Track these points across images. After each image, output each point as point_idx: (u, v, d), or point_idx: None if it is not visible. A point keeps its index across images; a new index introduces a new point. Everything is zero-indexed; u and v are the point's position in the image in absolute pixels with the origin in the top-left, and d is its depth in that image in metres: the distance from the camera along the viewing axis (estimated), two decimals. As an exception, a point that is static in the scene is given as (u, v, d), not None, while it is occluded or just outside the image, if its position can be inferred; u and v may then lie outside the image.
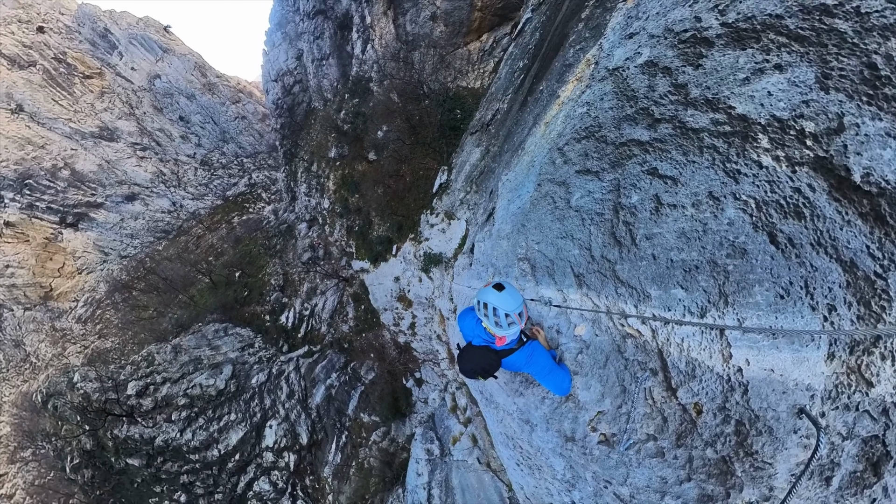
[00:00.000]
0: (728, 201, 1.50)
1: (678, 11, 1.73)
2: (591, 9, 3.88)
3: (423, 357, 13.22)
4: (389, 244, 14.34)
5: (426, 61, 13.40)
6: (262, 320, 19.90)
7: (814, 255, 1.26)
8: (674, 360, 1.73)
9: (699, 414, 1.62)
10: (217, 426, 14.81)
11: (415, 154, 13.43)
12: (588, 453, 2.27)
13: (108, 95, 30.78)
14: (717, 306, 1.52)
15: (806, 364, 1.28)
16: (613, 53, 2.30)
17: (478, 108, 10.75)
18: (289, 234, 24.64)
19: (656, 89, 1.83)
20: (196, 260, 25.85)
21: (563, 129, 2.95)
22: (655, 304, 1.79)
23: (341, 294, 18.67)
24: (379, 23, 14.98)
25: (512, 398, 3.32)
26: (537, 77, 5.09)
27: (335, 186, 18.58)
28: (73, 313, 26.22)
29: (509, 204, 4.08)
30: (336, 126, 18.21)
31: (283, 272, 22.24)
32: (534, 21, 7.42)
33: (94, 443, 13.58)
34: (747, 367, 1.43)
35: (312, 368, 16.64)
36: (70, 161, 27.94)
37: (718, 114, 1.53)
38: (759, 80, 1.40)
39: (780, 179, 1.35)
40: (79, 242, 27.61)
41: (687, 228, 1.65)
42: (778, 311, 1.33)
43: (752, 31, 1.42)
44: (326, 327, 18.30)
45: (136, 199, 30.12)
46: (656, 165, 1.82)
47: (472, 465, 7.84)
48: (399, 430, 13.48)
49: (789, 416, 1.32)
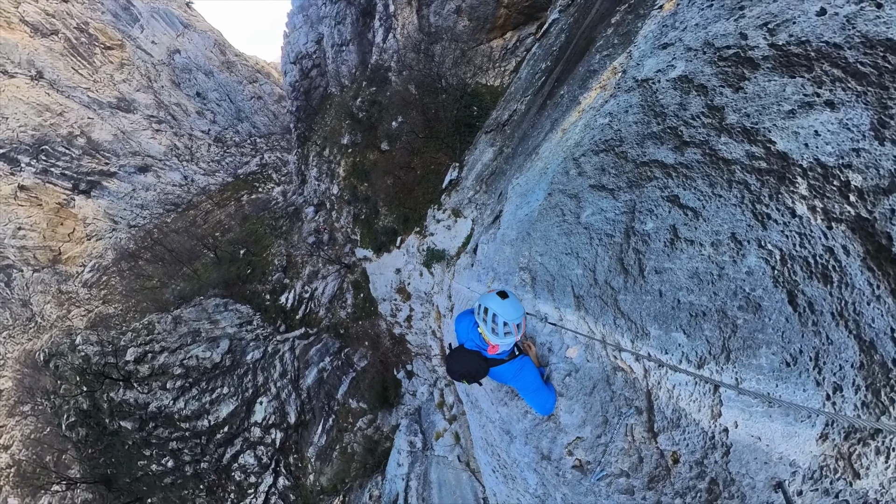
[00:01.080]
0: (751, 247, 1.36)
1: (721, 25, 1.57)
2: (622, 14, 3.69)
3: (416, 350, 13.26)
4: (394, 235, 14.30)
5: (447, 55, 13.16)
6: (262, 299, 20.10)
7: (832, 326, 1.14)
8: (661, 405, 1.65)
9: (675, 463, 1.57)
10: (209, 398, 15.08)
11: (427, 148, 13.28)
12: (561, 475, 2.24)
13: (128, 67, 31.00)
14: (717, 360, 1.41)
15: (796, 439, 1.20)
16: (644, 63, 2.15)
17: (495, 106, 10.56)
18: (296, 216, 24.75)
19: (688, 108, 1.67)
20: (203, 234, 26.08)
21: (581, 138, 2.80)
22: (653, 343, 1.69)
23: (342, 280, 18.77)
24: (402, 12, 14.72)
25: (496, 406, 3.30)
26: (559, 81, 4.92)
27: (345, 173, 18.53)
28: (80, 278, 26.76)
29: (517, 209, 3.96)
30: (351, 113, 18.08)
31: (287, 253, 22.38)
32: (560, 22, 7.19)
33: (90, 403, 13.93)
34: (734, 430, 1.35)
35: (307, 350, 16.84)
36: (86, 129, 28.30)
37: (756, 146, 1.38)
38: (807, 116, 1.24)
39: (812, 234, 1.21)
40: (90, 209, 28.06)
41: (701, 269, 1.52)
42: (780, 379, 1.23)
43: (804, 58, 1.26)
44: (325, 311, 18.44)
45: (149, 171, 30.44)
46: (678, 193, 1.68)
47: (452, 462, 7.86)
48: (385, 419, 13.62)
49: (765, 487, 1.24)
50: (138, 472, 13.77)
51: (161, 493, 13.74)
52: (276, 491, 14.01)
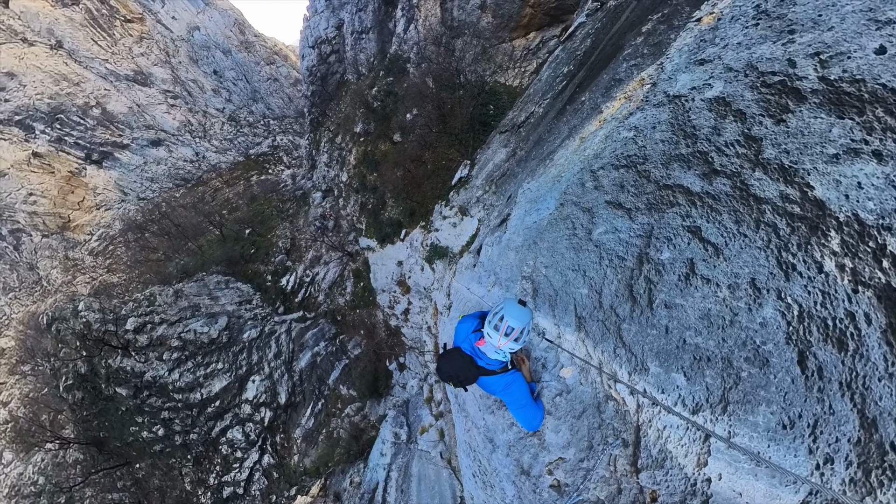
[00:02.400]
0: (769, 297, 1.27)
1: (767, 47, 1.46)
2: (654, 23, 3.54)
3: (410, 344, 13.31)
4: (399, 227, 14.27)
5: (468, 50, 12.95)
6: (263, 279, 20.27)
7: (838, 396, 1.08)
8: (648, 442, 1.62)
9: (653, 502, 1.54)
10: (203, 372, 15.31)
11: (440, 142, 13.15)
12: (538, 492, 2.23)
13: (147, 41, 31.05)
14: (713, 409, 1.36)
15: (777, 502, 1.16)
16: (677, 78, 2.04)
17: (512, 107, 10.39)
18: (303, 200, 24.80)
19: (723, 134, 1.57)
20: (210, 211, 26.28)
21: (601, 150, 2.70)
22: (651, 380, 1.63)
23: (343, 267, 18.84)
24: (426, 4, 14.49)
25: (483, 413, 3.28)
26: (581, 86, 4.78)
27: (356, 161, 18.47)
28: (87, 246, 27.16)
29: (526, 215, 3.87)
30: (366, 102, 17.95)
31: (292, 237, 22.48)
32: (587, 26, 6.99)
33: (88, 368, 14.21)
34: (717, 482, 1.32)
35: (303, 334, 17.01)
36: (102, 101, 28.48)
37: (791, 188, 1.28)
38: (852, 164, 1.14)
39: (836, 294, 1.13)
40: (101, 179, 28.34)
41: (714, 312, 1.43)
42: (773, 440, 1.18)
43: (856, 99, 1.16)
44: (324, 297, 18.56)
45: (161, 145, 30.63)
46: (701, 225, 1.58)
47: (434, 457, 7.92)
48: (373, 408, 13.76)
49: None
50: (129, 437, 14.08)
51: (149, 460, 14.05)
52: (260, 468, 14.27)
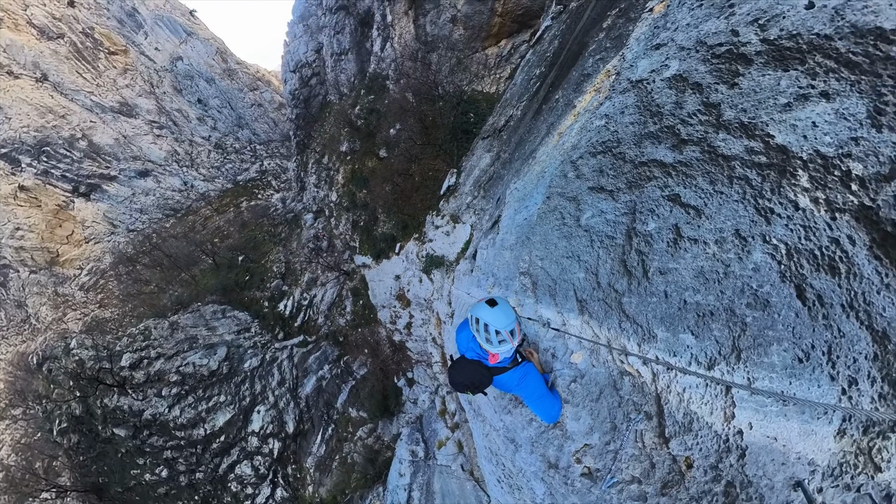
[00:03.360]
0: (756, 243, 1.34)
1: (712, 23, 1.58)
2: (613, 18, 3.74)
3: (416, 357, 13.11)
4: (393, 242, 14.28)
5: (443, 63, 13.36)
6: (260, 306, 19.98)
7: (843, 318, 1.11)
8: (671, 409, 1.60)
9: (689, 468, 1.51)
10: (205, 406, 14.85)
11: (425, 154, 13.36)
12: (569, 484, 2.17)
13: (131, 73, 31.41)
14: (727, 360, 1.37)
15: (813, 437, 1.16)
16: (637, 65, 2.15)
17: (491, 113, 10.63)
18: (295, 223, 24.77)
19: (684, 107, 1.67)
20: (201, 240, 26.09)
21: (577, 141, 2.80)
22: (661, 346, 1.64)
23: (341, 287, 18.67)
24: (399, 22, 14.98)
25: (499, 415, 3.21)
26: (553, 86, 4.96)
27: (344, 180, 18.61)
28: (77, 280, 26.58)
29: (516, 214, 3.94)
30: (350, 121, 18.26)
31: (286, 260, 22.33)
32: (553, 29, 7.29)
33: (83, 409, 13.69)
34: (749, 431, 1.31)
35: (305, 358, 16.66)
36: (88, 132, 28.50)
37: (754, 141, 1.37)
38: (803, 108, 1.23)
39: (817, 226, 1.19)
40: (89, 212, 28.06)
41: (706, 268, 1.49)
42: (793, 376, 1.19)
43: (796, 52, 1.26)
44: (323, 319, 18.30)
45: (149, 176, 30.57)
46: (679, 192, 1.66)
47: (455, 471, 7.70)
48: (386, 428, 13.39)
49: (784, 487, 1.20)
50: (131, 481, 13.48)
51: (154, 505, 13.43)
52: (273, 502, 13.69)
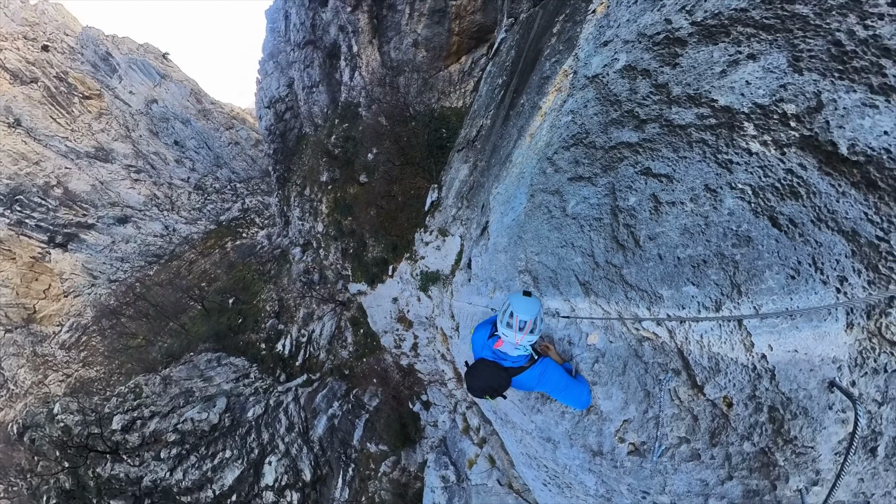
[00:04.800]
0: (725, 192, 1.50)
1: (648, 16, 1.80)
2: (561, 23, 4.06)
3: (428, 378, 12.78)
4: (385, 265, 14.23)
5: (411, 85, 13.89)
6: (257, 349, 19.33)
7: (816, 231, 1.26)
8: (695, 358, 1.67)
9: (730, 407, 1.56)
10: (211, 464, 13.98)
11: (405, 174, 13.60)
12: (619, 466, 2.16)
13: (106, 117, 31.10)
14: (731, 298, 1.49)
15: (827, 338, 1.26)
16: (591, 62, 2.35)
17: (462, 125, 10.99)
18: (283, 258, 24.44)
19: (638, 91, 1.85)
20: (188, 286, 25.14)
21: (549, 138, 2.98)
22: (668, 304, 1.75)
23: (339, 318, 18.30)
24: (365, 51, 15.61)
25: (529, 416, 3.18)
26: (517, 92, 5.24)
27: (328, 210, 18.64)
28: (57, 338, 25.09)
29: (503, 217, 4.06)
30: (327, 150, 18.51)
31: (279, 298, 21.86)
32: (508, 40, 7.73)
33: (73, 482, 12.63)
34: (771, 353, 1.40)
35: (312, 398, 15.99)
36: (63, 179, 27.70)
37: (702, 108, 1.55)
38: (736, 72, 1.43)
39: (771, 163, 1.36)
40: (67, 264, 26.87)
41: (689, 224, 1.64)
42: (792, 293, 1.32)
43: (720, 27, 1.46)
44: (325, 354, 17.78)
45: (129, 222, 29.78)
46: (649, 165, 1.82)
47: (492, 488, 7.40)
48: (410, 457, 12.80)
49: (821, 391, 1.29)
50: (137, 562, 12.41)
51: (164, 584, 12.34)
52: (302, 559, 12.78)
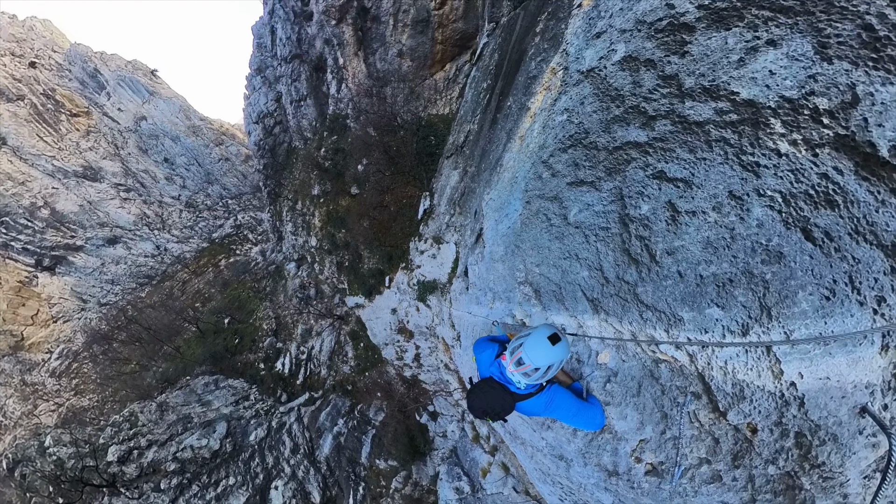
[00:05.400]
0: (752, 199, 1.32)
1: (645, 2, 1.62)
2: (544, 22, 3.93)
3: (433, 388, 12.52)
4: (381, 276, 14.05)
5: (397, 95, 13.93)
6: (256, 369, 18.91)
7: (854, 245, 1.11)
8: (718, 384, 1.51)
9: (754, 433, 1.43)
10: (214, 493, 13.45)
11: (396, 184, 13.52)
12: (636, 487, 2.00)
13: (94, 135, 30.52)
14: (759, 322, 1.32)
15: (861, 363, 1.15)
16: (584, 56, 2.18)
17: (450, 132, 10.94)
18: (278, 275, 24.12)
19: (643, 84, 1.67)
20: (182, 307, 24.60)
21: (543, 140, 2.79)
22: (689, 327, 1.55)
23: (338, 333, 18.01)
24: (351, 63, 15.66)
25: (539, 433, 3.01)
26: (503, 94, 5.12)
27: (321, 223, 18.46)
28: (47, 366, 24.25)
29: (497, 224, 3.87)
30: (317, 163, 18.41)
31: (276, 315, 21.49)
32: (491, 44, 7.69)
33: None
34: (801, 381, 1.27)
35: (316, 417, 15.55)
36: (50, 200, 26.99)
37: (721, 102, 1.37)
38: (756, 60, 1.25)
39: (803, 166, 1.19)
40: (55, 287, 26.12)
41: (712, 237, 1.45)
42: (826, 316, 1.17)
43: (732, 9, 1.30)
44: (326, 370, 17.42)
45: (118, 243, 29.13)
46: (662, 168, 1.62)
47: (509, 496, 7.11)
48: (421, 471, 12.41)
49: (851, 417, 1.18)
50: None
51: None
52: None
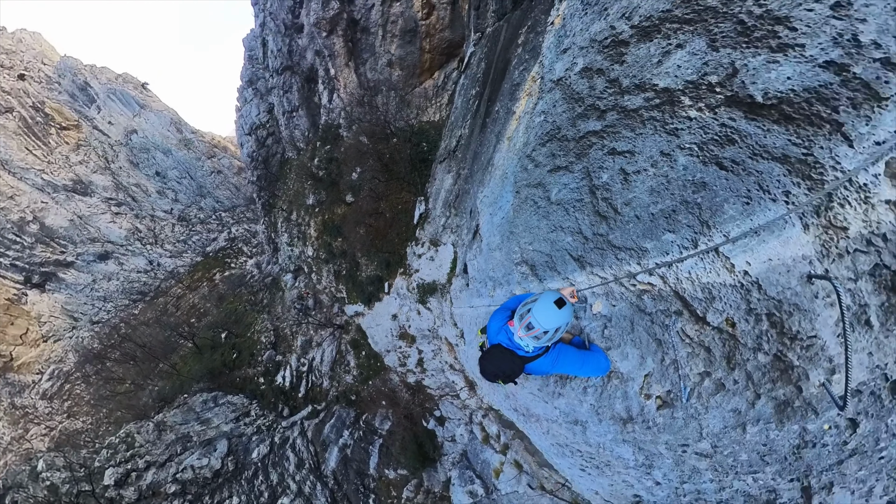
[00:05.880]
0: (678, 153, 1.79)
1: (597, 25, 2.13)
2: (525, 35, 4.44)
3: (438, 393, 12.46)
4: (380, 282, 14.18)
5: (389, 103, 14.33)
6: (256, 384, 18.67)
7: (755, 163, 1.53)
8: (690, 294, 1.88)
9: (734, 327, 1.72)
10: (217, 514, 13.24)
11: (390, 190, 13.80)
12: (652, 426, 2.23)
13: (84, 148, 30.11)
14: (702, 233, 1.75)
15: (791, 241, 1.48)
16: (555, 67, 2.66)
17: (441, 137, 11.34)
18: (275, 287, 24.02)
19: (596, 88, 2.16)
20: (177, 323, 24.18)
21: (526, 138, 3.24)
22: (654, 254, 1.99)
23: (338, 343, 17.91)
24: (342, 73, 16.11)
25: (551, 403, 3.24)
26: (491, 100, 5.56)
27: (317, 233, 18.58)
28: (37, 388, 23.47)
29: (492, 217, 4.27)
30: (311, 173, 18.63)
31: (274, 328, 21.36)
32: (477, 53, 8.16)
33: None
34: (751, 268, 1.61)
35: (320, 430, 15.20)
36: (40, 215, 26.37)
37: (648, 93, 1.87)
38: (669, 59, 1.75)
39: (708, 123, 1.66)
40: (45, 305, 25.42)
41: (654, 185, 1.92)
42: (750, 215, 1.56)
43: (653, 27, 1.80)
44: (328, 381, 17.25)
45: (110, 258, 28.56)
46: (614, 146, 2.11)
47: (524, 494, 7.15)
48: (432, 478, 12.26)
49: (803, 286, 1.48)
50: None
51: None
52: None
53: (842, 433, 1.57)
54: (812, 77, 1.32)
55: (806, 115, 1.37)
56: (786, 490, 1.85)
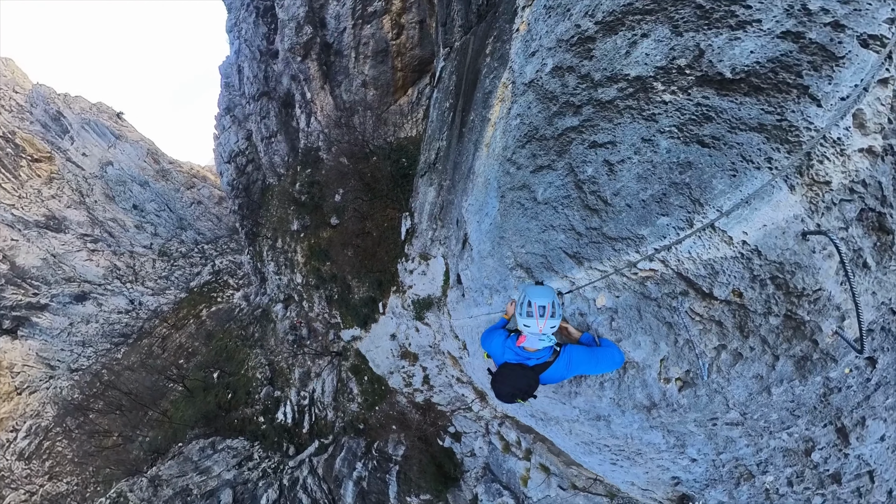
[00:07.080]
0: (659, 137, 1.84)
1: (562, 25, 2.18)
2: (492, 44, 4.56)
3: (449, 408, 12.09)
4: (374, 303, 13.96)
5: (366, 123, 14.57)
6: (255, 424, 17.79)
7: (735, 136, 1.59)
8: (693, 273, 1.90)
9: (741, 297, 1.76)
10: (229, 571, 12.24)
11: (375, 209, 13.80)
12: (677, 408, 2.23)
13: (57, 181, 28.53)
14: (696, 212, 1.79)
15: (781, 203, 1.56)
16: (525, 71, 2.71)
17: (420, 151, 11.47)
18: (265, 318, 23.31)
19: (569, 85, 2.19)
20: (164, 366, 22.89)
21: (505, 143, 3.27)
22: (651, 239, 1.99)
23: (338, 371, 17.33)
24: (318, 96, 16.33)
25: (570, 404, 3.20)
26: (465, 110, 5.66)
27: (304, 258, 18.29)
28: (13, 447, 21.37)
29: (480, 224, 4.26)
30: (294, 198, 18.50)
31: (269, 362, 20.60)
32: (448, 67, 8.38)
33: None
34: (748, 237, 1.67)
35: (331, 465, 14.40)
36: (10, 253, 24.61)
37: (620, 83, 1.91)
38: (636, 49, 1.81)
39: (683, 104, 1.72)
40: (18, 354, 23.50)
41: (641, 171, 1.95)
42: (738, 186, 1.62)
43: (617, 20, 1.87)
44: (332, 412, 16.54)
45: (88, 299, 26.89)
46: (594, 139, 2.13)
47: (556, 497, 6.87)
48: (458, 498, 11.69)
49: (800, 245, 1.56)
50: None
51: None
52: None
53: (863, 372, 1.67)
54: (773, 48, 1.41)
55: (773, 84, 1.44)
56: (822, 435, 1.94)
